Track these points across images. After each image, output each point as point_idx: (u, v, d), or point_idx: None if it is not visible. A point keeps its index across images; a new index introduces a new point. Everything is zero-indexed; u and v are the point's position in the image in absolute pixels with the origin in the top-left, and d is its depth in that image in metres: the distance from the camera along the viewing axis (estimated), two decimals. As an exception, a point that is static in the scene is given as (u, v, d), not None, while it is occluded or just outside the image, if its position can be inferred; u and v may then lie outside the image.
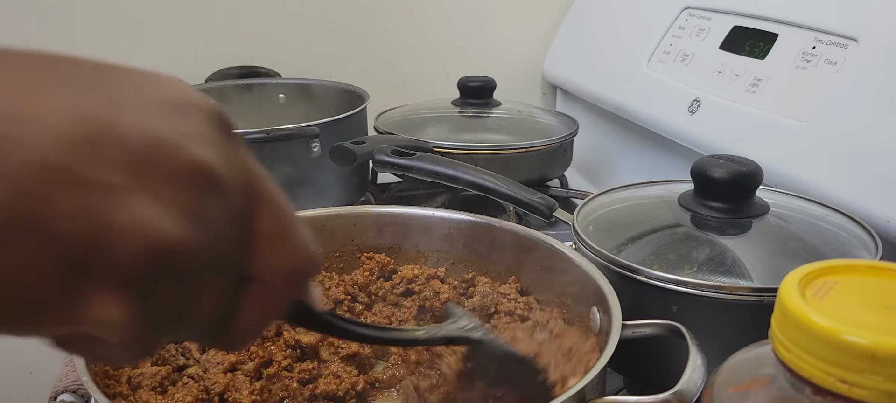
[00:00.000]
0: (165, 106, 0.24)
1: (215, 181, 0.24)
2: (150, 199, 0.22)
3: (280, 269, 0.28)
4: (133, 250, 0.22)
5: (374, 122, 0.98)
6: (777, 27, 0.79)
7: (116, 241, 0.22)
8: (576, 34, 1.19)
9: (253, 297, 0.27)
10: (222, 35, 1.14)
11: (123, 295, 0.23)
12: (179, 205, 0.23)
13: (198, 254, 0.24)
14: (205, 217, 0.24)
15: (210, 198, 0.24)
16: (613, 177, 1.10)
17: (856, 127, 0.65)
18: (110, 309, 0.23)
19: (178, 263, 0.23)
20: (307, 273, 0.29)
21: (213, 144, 0.24)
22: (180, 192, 0.23)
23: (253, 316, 0.28)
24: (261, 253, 0.27)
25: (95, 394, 0.41)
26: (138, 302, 0.23)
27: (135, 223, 0.22)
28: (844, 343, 0.26)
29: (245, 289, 0.27)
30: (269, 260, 0.27)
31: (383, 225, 0.64)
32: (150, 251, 0.22)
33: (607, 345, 0.43)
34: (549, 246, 0.57)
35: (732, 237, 0.57)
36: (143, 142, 0.22)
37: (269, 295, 0.28)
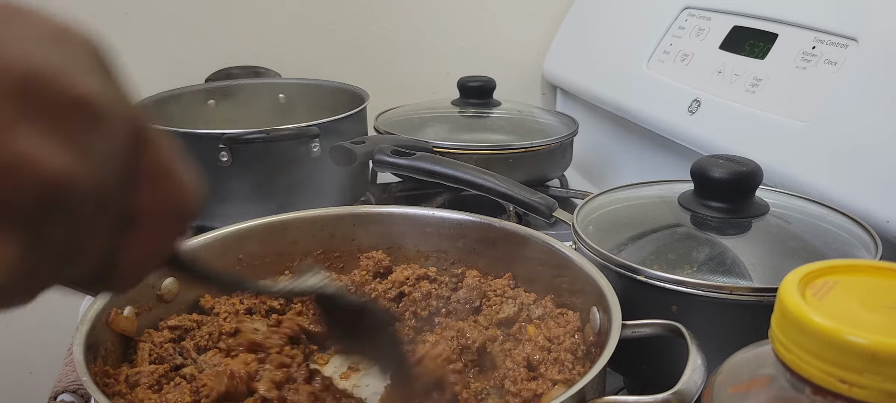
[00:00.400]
0: (46, 38, 0.23)
1: (99, 113, 0.23)
2: (34, 132, 0.22)
3: (165, 205, 0.27)
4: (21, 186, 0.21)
5: (374, 122, 0.98)
6: (777, 27, 0.79)
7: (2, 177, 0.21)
8: (576, 34, 1.19)
9: (137, 236, 0.27)
10: (222, 35, 1.14)
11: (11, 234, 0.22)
12: (64, 138, 0.22)
13: (85, 189, 0.23)
14: (90, 150, 0.23)
15: (94, 130, 0.23)
16: (613, 177, 1.10)
17: (856, 127, 0.65)
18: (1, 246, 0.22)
19: (66, 198, 0.22)
20: (191, 211, 0.28)
21: (96, 76, 0.24)
22: (64, 124, 0.22)
23: (138, 255, 0.27)
24: (145, 191, 0.26)
25: (95, 394, 0.41)
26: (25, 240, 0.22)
27: (20, 157, 0.21)
28: (844, 343, 0.26)
29: (129, 229, 0.26)
30: (155, 197, 0.27)
31: (383, 225, 0.64)
32: (40, 186, 0.22)
33: (607, 345, 0.43)
34: (549, 246, 0.57)
35: (732, 237, 0.57)
36: (24, 71, 0.22)
37: (153, 233, 0.27)
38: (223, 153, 0.77)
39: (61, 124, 0.22)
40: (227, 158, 0.77)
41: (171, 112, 0.92)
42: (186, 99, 0.96)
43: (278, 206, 0.65)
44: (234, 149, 0.77)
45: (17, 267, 0.22)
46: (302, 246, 0.62)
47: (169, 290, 0.55)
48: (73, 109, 0.23)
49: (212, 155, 0.77)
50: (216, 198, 0.80)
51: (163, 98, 0.93)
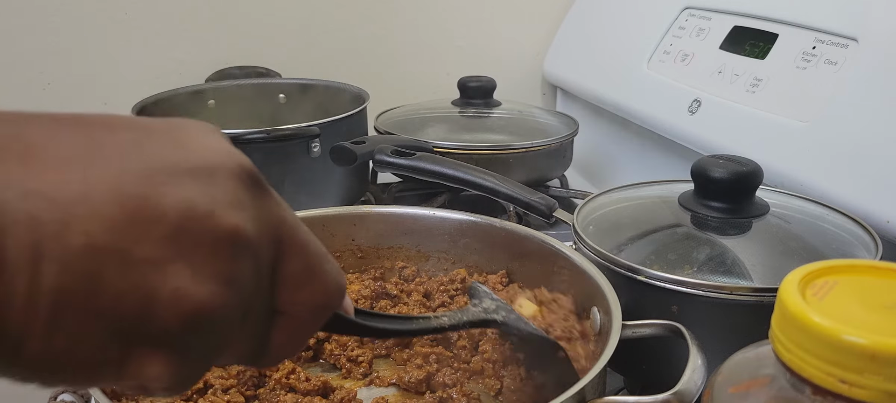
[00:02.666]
0: (197, 172, 0.25)
1: (245, 242, 0.25)
2: (186, 268, 0.24)
3: (307, 305, 0.30)
4: (172, 317, 0.24)
5: (374, 122, 0.98)
6: (777, 27, 0.79)
7: (157, 311, 0.23)
8: (576, 34, 1.19)
9: (283, 328, 0.30)
10: (222, 35, 1.14)
11: (164, 355, 0.24)
12: (212, 271, 0.24)
13: (229, 311, 0.25)
14: (235, 276, 0.25)
15: (240, 258, 0.25)
16: (613, 177, 1.10)
17: (856, 127, 0.65)
18: (153, 367, 0.24)
19: (211, 322, 0.25)
20: (333, 306, 0.31)
21: (243, 205, 0.26)
22: (212, 258, 0.24)
23: (284, 343, 0.30)
24: (289, 293, 0.29)
25: (95, 394, 0.41)
26: (177, 358, 0.25)
27: (173, 293, 0.24)
28: (844, 344, 0.26)
29: (276, 321, 0.29)
30: (297, 298, 0.29)
31: (383, 225, 0.64)
32: (186, 317, 0.24)
33: (607, 345, 0.43)
34: (550, 246, 0.57)
35: (732, 237, 0.57)
36: (179, 215, 0.24)
37: (298, 326, 0.30)
38: (223, 153, 0.77)
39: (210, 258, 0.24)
40: (227, 158, 0.77)
41: (171, 112, 0.92)
42: (186, 99, 0.96)
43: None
44: (234, 149, 0.77)
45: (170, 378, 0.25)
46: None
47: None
48: (222, 244, 0.25)
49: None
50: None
51: (163, 98, 0.93)
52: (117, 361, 0.24)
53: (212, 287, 0.24)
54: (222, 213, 0.25)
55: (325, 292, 0.30)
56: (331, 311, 0.31)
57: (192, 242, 0.24)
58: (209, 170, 0.25)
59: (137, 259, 0.23)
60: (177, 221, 0.24)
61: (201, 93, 0.99)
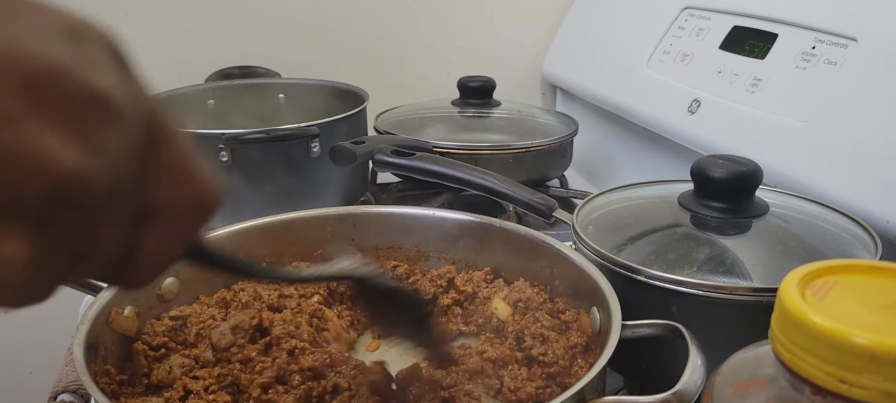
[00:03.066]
0: (60, 33, 0.23)
1: (115, 109, 0.23)
2: (47, 128, 0.21)
3: (182, 201, 0.27)
4: (34, 183, 0.21)
5: (374, 122, 0.98)
6: (777, 27, 0.79)
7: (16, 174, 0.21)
8: (576, 34, 1.19)
9: (154, 232, 0.26)
10: (222, 35, 1.14)
11: (24, 232, 0.21)
12: (77, 134, 0.22)
13: (100, 187, 0.23)
14: (104, 146, 0.23)
15: (109, 126, 0.23)
16: (613, 177, 1.10)
17: (856, 127, 0.65)
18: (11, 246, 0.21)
19: (81, 196, 0.22)
20: (209, 205, 0.28)
21: (111, 72, 0.24)
22: (80, 121, 0.22)
23: (155, 251, 0.27)
24: (162, 186, 0.26)
25: (95, 394, 0.41)
26: (40, 239, 0.22)
27: (35, 154, 0.21)
28: (844, 343, 0.26)
29: (146, 224, 0.26)
30: (171, 192, 0.26)
31: (383, 225, 0.64)
32: (52, 182, 0.21)
33: (607, 345, 0.43)
34: (549, 246, 0.57)
35: (732, 237, 0.57)
36: (39, 65, 0.21)
37: (170, 228, 0.27)
38: (223, 153, 0.77)
39: (74, 120, 0.22)
40: (227, 158, 0.77)
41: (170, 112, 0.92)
42: (186, 99, 0.96)
43: (278, 206, 0.64)
44: (234, 149, 0.77)
45: (29, 264, 0.22)
46: (302, 246, 0.62)
47: (169, 290, 0.55)
48: (87, 105, 0.22)
49: (212, 155, 0.77)
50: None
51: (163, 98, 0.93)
52: None
53: (78, 152, 0.22)
54: (90, 72, 0.23)
55: (206, 189, 0.27)
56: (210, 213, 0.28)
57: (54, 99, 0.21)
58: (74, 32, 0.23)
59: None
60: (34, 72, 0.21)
61: (201, 93, 0.99)
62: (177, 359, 0.50)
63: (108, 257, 0.25)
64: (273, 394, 0.47)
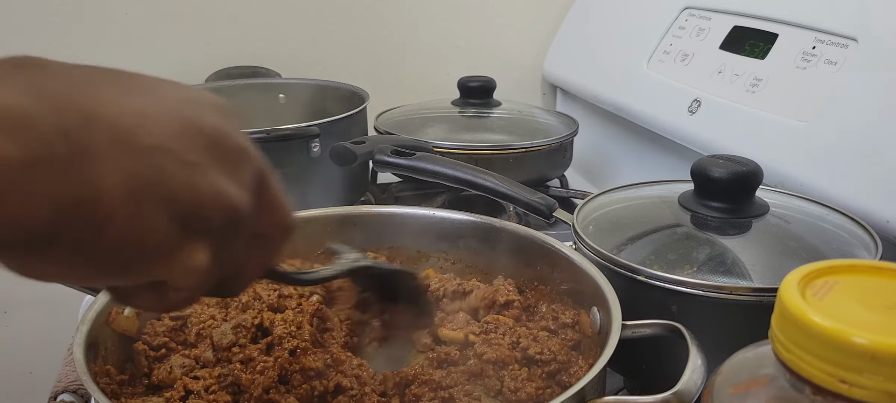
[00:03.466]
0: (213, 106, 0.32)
1: (252, 159, 0.33)
2: (220, 173, 0.30)
3: (279, 226, 0.36)
4: (216, 210, 0.30)
5: (374, 122, 0.98)
6: (777, 27, 0.79)
7: (206, 203, 0.29)
8: (576, 34, 1.19)
9: (258, 250, 0.35)
10: (222, 35, 1.14)
11: (208, 244, 0.30)
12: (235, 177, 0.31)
13: (246, 213, 0.32)
14: (248, 186, 0.32)
15: (249, 171, 0.32)
16: (613, 177, 1.10)
17: (856, 127, 0.65)
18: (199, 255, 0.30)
19: (238, 219, 0.31)
20: (292, 228, 0.37)
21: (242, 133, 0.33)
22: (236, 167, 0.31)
23: (256, 265, 0.36)
24: (267, 213, 0.34)
25: (95, 394, 0.41)
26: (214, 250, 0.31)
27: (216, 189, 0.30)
28: (844, 343, 0.26)
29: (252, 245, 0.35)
30: (272, 219, 0.35)
31: (383, 225, 0.64)
32: (226, 210, 0.30)
33: (607, 345, 0.43)
34: (549, 246, 0.57)
35: (732, 237, 0.57)
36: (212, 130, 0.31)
37: (268, 245, 0.36)
38: (223, 153, 0.77)
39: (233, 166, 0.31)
40: (227, 158, 0.77)
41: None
42: (186, 99, 0.96)
43: (278, 206, 0.64)
44: (234, 148, 0.77)
45: (206, 272, 0.31)
46: (302, 246, 0.62)
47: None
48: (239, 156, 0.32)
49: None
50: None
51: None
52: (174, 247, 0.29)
53: (237, 189, 0.31)
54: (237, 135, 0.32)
55: (291, 213, 0.36)
56: (292, 232, 0.37)
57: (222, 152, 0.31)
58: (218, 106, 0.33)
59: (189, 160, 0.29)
60: (212, 135, 0.30)
61: (201, 93, 0.99)
62: (177, 359, 0.50)
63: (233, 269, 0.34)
64: (274, 394, 0.47)
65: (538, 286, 0.59)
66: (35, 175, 0.24)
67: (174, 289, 0.31)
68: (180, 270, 0.30)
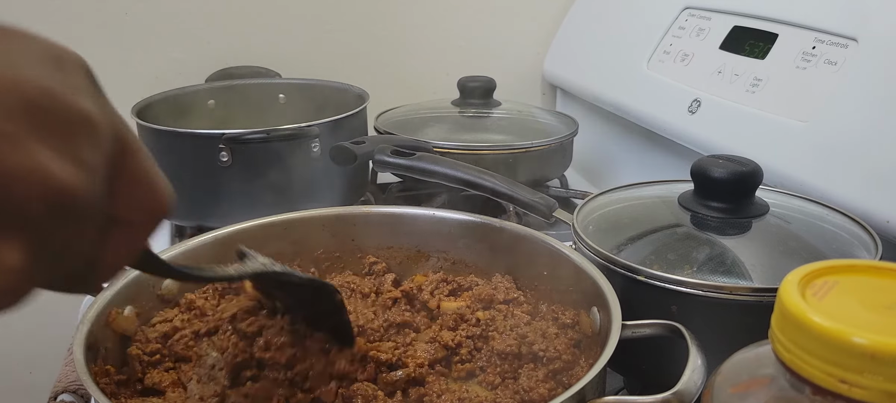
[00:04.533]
0: (47, 60, 0.25)
1: (95, 128, 0.26)
2: (45, 147, 0.23)
3: (144, 208, 0.29)
4: (35, 195, 0.23)
5: (374, 122, 0.98)
6: (777, 27, 0.79)
7: (19, 187, 0.23)
8: (576, 34, 1.19)
9: (116, 237, 0.29)
10: (222, 35, 1.14)
11: (21, 241, 0.23)
12: (67, 151, 0.24)
13: (84, 197, 0.25)
14: (89, 162, 0.25)
15: (92, 144, 0.25)
16: (613, 177, 1.10)
17: (856, 127, 0.65)
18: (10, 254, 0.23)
19: (71, 207, 0.24)
20: (166, 211, 0.30)
21: (90, 95, 0.26)
22: (69, 139, 0.24)
23: (116, 254, 0.29)
24: (126, 194, 0.28)
25: (95, 394, 0.41)
26: (36, 247, 0.24)
27: (34, 169, 0.23)
28: (844, 343, 0.26)
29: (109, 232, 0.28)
30: (134, 199, 0.29)
31: (383, 225, 0.64)
32: (49, 196, 0.23)
33: (607, 345, 0.43)
34: (549, 246, 0.57)
35: (732, 237, 0.57)
36: (34, 90, 0.24)
37: (131, 233, 0.30)
38: (223, 153, 0.77)
39: (65, 138, 0.24)
40: (227, 158, 0.78)
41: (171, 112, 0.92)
42: (186, 99, 0.96)
43: (278, 206, 0.64)
44: (234, 149, 0.77)
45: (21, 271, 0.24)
46: (302, 246, 0.62)
47: (169, 290, 0.55)
48: (75, 125, 0.25)
49: (212, 155, 0.77)
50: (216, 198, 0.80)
51: (163, 98, 0.93)
52: None
53: (72, 168, 0.24)
54: (74, 96, 0.25)
55: (162, 195, 0.30)
56: (163, 216, 0.31)
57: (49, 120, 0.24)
58: (57, 58, 0.26)
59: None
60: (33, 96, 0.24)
61: (201, 93, 0.99)
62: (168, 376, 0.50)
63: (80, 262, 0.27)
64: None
65: (538, 286, 0.59)
66: None
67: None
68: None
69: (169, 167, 0.84)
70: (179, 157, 0.80)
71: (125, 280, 0.52)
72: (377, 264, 0.63)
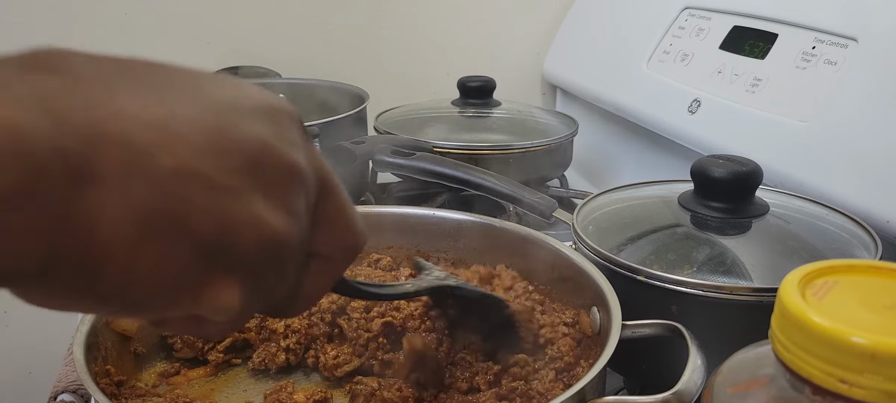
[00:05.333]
0: (260, 111, 0.27)
1: (304, 180, 0.28)
2: (261, 198, 0.26)
3: (340, 245, 0.32)
4: (251, 242, 0.26)
5: (374, 122, 0.98)
6: (777, 27, 0.79)
7: (239, 235, 0.25)
8: (576, 34, 1.19)
9: (316, 270, 0.31)
10: (222, 35, 1.14)
11: (239, 281, 0.26)
12: (282, 203, 0.27)
13: (295, 243, 0.28)
14: (298, 210, 0.28)
15: (300, 193, 0.28)
16: (613, 177, 1.10)
17: (856, 127, 0.65)
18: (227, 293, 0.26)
19: (281, 252, 0.27)
20: (360, 247, 0.33)
21: (300, 146, 0.28)
22: (282, 191, 0.27)
23: (315, 286, 0.32)
24: (325, 232, 0.30)
25: (95, 394, 0.41)
26: (249, 287, 0.26)
27: (254, 221, 0.25)
28: (844, 343, 0.26)
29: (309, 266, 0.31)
30: (332, 237, 0.31)
31: (383, 225, 0.64)
32: (264, 242, 0.26)
33: (607, 345, 0.43)
34: (549, 245, 0.57)
35: (732, 237, 0.57)
36: (254, 146, 0.26)
37: (329, 267, 0.32)
38: (223, 153, 0.77)
39: (279, 190, 0.27)
40: (227, 158, 0.77)
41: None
42: (186, 99, 0.96)
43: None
44: (234, 149, 0.77)
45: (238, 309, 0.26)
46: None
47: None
48: (288, 178, 0.27)
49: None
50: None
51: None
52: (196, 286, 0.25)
53: (283, 217, 0.26)
54: (288, 150, 0.27)
55: (357, 232, 0.32)
56: (358, 252, 0.33)
57: (266, 174, 0.26)
58: (269, 111, 0.27)
59: (220, 184, 0.24)
60: (253, 153, 0.26)
61: (201, 93, 0.99)
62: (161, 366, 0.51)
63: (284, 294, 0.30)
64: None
65: (538, 286, 0.59)
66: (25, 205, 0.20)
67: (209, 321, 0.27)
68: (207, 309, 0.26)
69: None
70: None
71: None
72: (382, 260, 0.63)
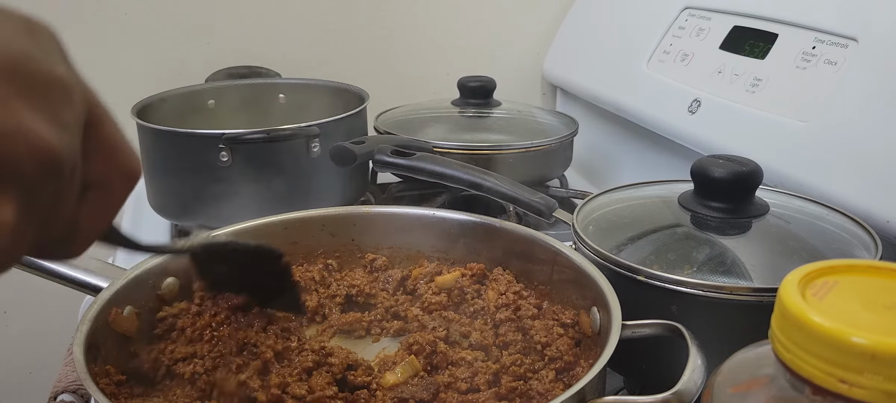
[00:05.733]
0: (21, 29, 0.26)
1: (70, 92, 0.27)
2: (27, 107, 0.25)
3: (117, 174, 0.31)
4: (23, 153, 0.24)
5: (374, 122, 0.98)
6: (777, 27, 0.79)
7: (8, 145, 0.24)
8: (576, 34, 1.19)
9: (93, 201, 0.30)
10: (222, 35, 1.14)
11: (15, 197, 0.25)
12: (49, 113, 0.25)
13: (68, 158, 0.26)
14: (69, 124, 0.27)
15: (69, 107, 0.27)
16: (613, 177, 1.10)
17: (856, 127, 0.65)
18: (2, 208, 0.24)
19: (57, 167, 0.26)
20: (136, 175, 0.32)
21: (62, 62, 0.28)
22: (47, 102, 0.26)
23: (94, 218, 0.31)
24: (100, 159, 0.30)
25: (95, 394, 0.41)
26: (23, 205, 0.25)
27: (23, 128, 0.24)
28: (844, 343, 0.26)
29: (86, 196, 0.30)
30: (109, 163, 0.30)
31: (383, 224, 0.64)
32: (37, 154, 0.25)
33: (607, 345, 0.43)
34: (549, 246, 0.57)
35: (732, 237, 0.57)
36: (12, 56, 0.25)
37: (108, 197, 0.31)
38: (223, 153, 0.77)
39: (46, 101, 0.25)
40: (227, 158, 0.77)
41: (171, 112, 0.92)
42: (186, 99, 0.96)
43: (278, 206, 0.64)
44: (234, 149, 0.77)
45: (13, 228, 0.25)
46: (302, 246, 0.62)
47: (169, 290, 0.55)
48: (54, 89, 0.26)
49: (212, 155, 0.77)
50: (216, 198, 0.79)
51: (163, 98, 0.93)
52: None
53: (52, 127, 0.25)
54: (52, 61, 0.26)
55: (134, 159, 0.31)
56: (136, 178, 0.32)
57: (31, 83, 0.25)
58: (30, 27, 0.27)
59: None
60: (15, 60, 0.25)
61: (201, 93, 0.99)
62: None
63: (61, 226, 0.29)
64: None
65: (538, 286, 0.59)
66: None
67: None
68: None
69: (169, 167, 0.85)
70: (179, 157, 0.80)
71: (125, 280, 0.52)
72: (377, 260, 0.63)
